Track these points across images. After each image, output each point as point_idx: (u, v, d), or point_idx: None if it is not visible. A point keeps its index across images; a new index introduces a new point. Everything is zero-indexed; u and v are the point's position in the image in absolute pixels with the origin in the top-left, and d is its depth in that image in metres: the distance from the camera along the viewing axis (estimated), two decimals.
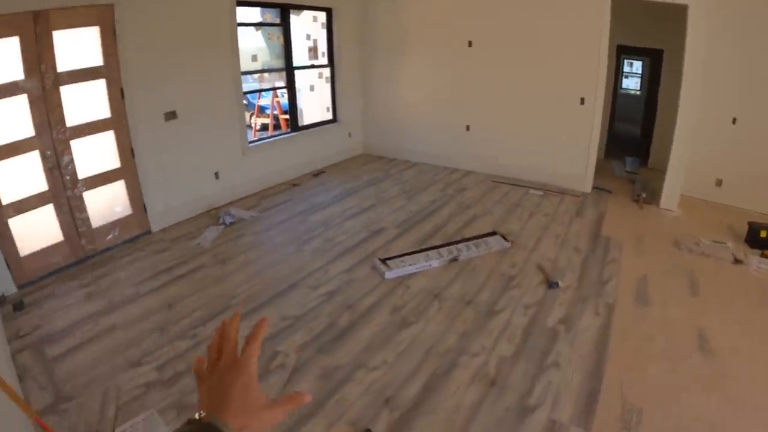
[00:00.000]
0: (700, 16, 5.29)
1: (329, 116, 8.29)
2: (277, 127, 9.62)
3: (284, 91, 7.67)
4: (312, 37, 7.79)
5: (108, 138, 4.81)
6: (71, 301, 4.00)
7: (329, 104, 8.26)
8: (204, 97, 5.73)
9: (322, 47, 7.90)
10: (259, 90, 9.48)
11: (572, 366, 3.13)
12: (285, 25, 7.02)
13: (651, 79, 9.04)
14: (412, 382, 3.01)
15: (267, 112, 10.02)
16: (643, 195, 6.20)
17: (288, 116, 7.99)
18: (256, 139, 7.45)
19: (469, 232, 5.25)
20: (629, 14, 6.99)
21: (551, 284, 4.10)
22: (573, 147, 6.58)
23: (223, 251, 4.91)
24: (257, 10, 7.22)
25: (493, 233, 5.13)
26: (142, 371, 3.13)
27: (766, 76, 5.54)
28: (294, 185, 7.05)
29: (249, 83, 8.23)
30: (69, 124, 4.40)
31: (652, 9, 6.95)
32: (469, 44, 7.11)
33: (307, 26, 7.69)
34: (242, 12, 6.28)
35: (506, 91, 7.00)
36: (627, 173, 7.52)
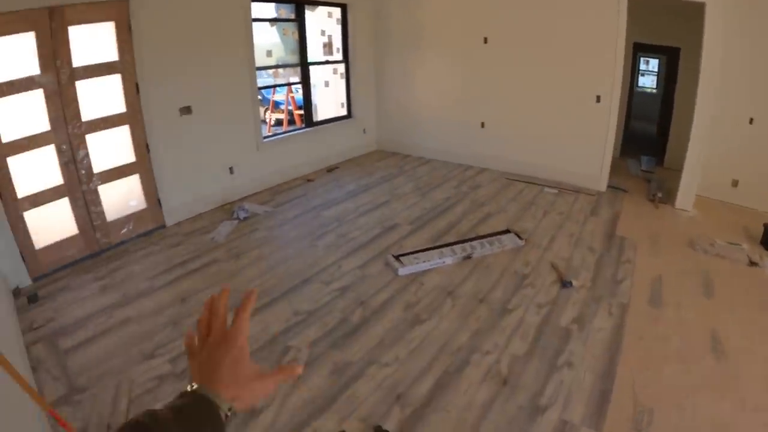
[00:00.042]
0: (718, 14, 5.21)
1: (344, 112, 8.30)
2: (291, 122, 9.62)
3: (299, 86, 7.67)
4: (327, 33, 7.79)
5: (123, 132, 4.85)
6: (85, 294, 4.04)
7: (344, 100, 8.26)
8: (219, 93, 5.75)
9: (337, 43, 7.91)
10: (274, 85, 9.53)
11: (584, 366, 3.11)
12: (300, 21, 7.04)
13: (668, 77, 8.92)
14: (423, 380, 3.01)
15: (282, 107, 10.03)
16: (659, 194, 6.14)
17: (302, 112, 8.00)
18: (270, 134, 7.46)
19: (483, 229, 5.23)
20: (646, 12, 6.91)
21: (565, 283, 4.08)
22: (588, 145, 6.52)
23: (237, 246, 4.93)
24: (272, 5, 7.22)
25: (507, 231, 5.10)
26: (155, 364, 3.15)
27: None
28: (308, 181, 7.07)
29: (264, 79, 8.25)
30: (84, 118, 4.44)
31: (669, 6, 6.89)
32: (485, 41, 7.06)
33: (322, 22, 7.69)
34: (257, 7, 6.30)
35: (522, 88, 6.94)
36: (642, 172, 7.45)
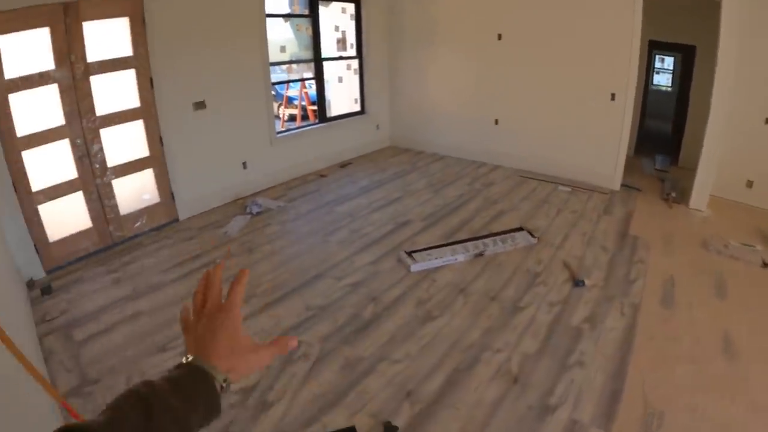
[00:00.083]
0: (734, 11, 5.12)
1: (357, 108, 8.30)
2: (305, 118, 9.66)
3: (312, 82, 7.68)
4: (340, 29, 7.79)
5: (137, 127, 4.88)
6: (98, 287, 4.08)
7: (357, 96, 8.26)
8: (232, 88, 5.78)
9: (351, 39, 7.91)
10: (288, 81, 9.54)
11: (595, 366, 3.09)
12: (314, 17, 7.04)
13: (683, 75, 8.84)
14: (434, 376, 3.00)
15: (295, 102, 10.07)
16: (673, 194, 6.08)
17: (316, 107, 8.01)
18: (283, 129, 7.48)
19: (496, 227, 5.21)
20: (662, 9, 6.82)
21: (577, 282, 4.05)
22: (603, 143, 6.46)
23: (250, 240, 4.95)
24: (286, 1, 7.23)
25: (519, 229, 5.08)
26: (167, 356, 3.17)
27: None
28: (321, 176, 7.08)
29: (277, 74, 8.25)
30: (99, 113, 4.47)
31: (685, 4, 6.83)
32: (499, 37, 7.01)
33: (336, 17, 7.69)
34: (271, 3, 6.30)
35: (536, 86, 6.90)
36: (656, 171, 7.38)
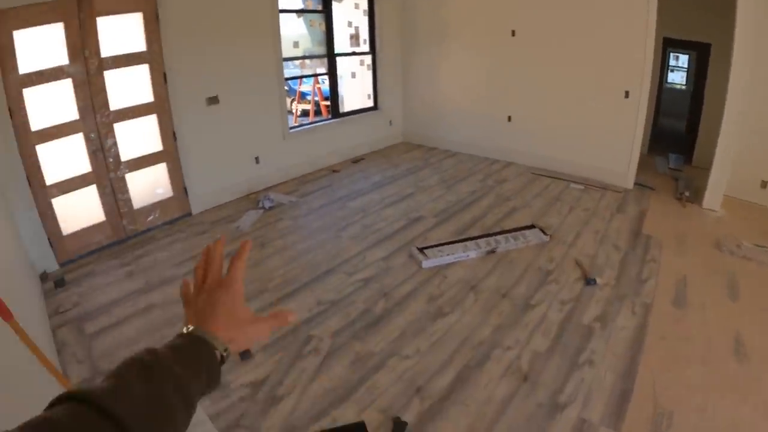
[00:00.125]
0: (750, 9, 5.05)
1: (370, 104, 8.30)
2: (318, 113, 9.66)
3: (325, 77, 7.68)
4: (354, 24, 7.79)
5: (151, 122, 4.92)
6: (111, 280, 4.12)
7: (370, 92, 8.26)
8: (246, 83, 5.80)
9: (364, 34, 7.90)
10: (301, 76, 9.56)
11: (605, 365, 3.08)
12: (327, 12, 7.05)
13: (698, 73, 8.76)
14: (444, 373, 3.01)
15: (308, 98, 10.07)
16: (686, 193, 6.02)
17: (329, 103, 8.02)
18: (296, 124, 7.52)
19: (508, 224, 5.19)
20: (677, 6, 6.75)
21: (589, 281, 4.04)
22: (616, 141, 6.41)
23: (262, 235, 4.98)
24: None
25: (531, 226, 5.06)
26: None
27: None
28: (333, 171, 7.10)
29: (290, 69, 8.28)
30: (113, 107, 4.52)
31: (700, 2, 6.75)
32: (512, 33, 6.97)
33: (349, 13, 7.68)
34: None
35: (549, 82, 6.85)
36: (670, 170, 7.32)
